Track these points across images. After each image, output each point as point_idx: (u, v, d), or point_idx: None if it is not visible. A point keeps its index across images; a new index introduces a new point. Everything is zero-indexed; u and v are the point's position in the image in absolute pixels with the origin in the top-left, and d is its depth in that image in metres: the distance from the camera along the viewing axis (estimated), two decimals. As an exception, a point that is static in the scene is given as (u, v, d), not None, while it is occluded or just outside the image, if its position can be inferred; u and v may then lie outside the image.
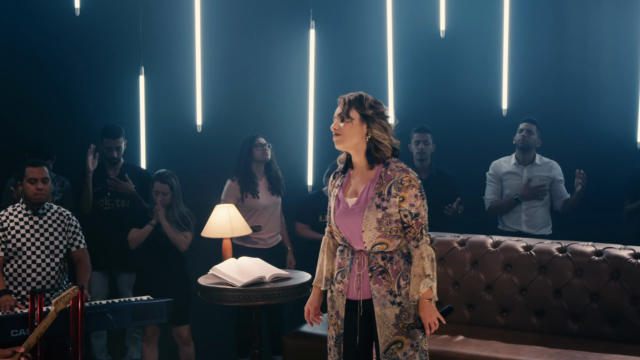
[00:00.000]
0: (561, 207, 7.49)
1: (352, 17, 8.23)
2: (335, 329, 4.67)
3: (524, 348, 5.60)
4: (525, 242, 6.16)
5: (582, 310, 5.85)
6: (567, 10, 8.12)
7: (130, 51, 7.97)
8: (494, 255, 6.14)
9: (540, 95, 8.10)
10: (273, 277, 6.00)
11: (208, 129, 8.05)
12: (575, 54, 8.10)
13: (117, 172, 7.46)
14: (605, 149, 7.91)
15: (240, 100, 8.21)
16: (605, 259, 5.84)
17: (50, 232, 6.28)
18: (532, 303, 6.00)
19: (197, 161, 7.91)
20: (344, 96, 4.61)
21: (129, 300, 6.07)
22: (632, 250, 5.84)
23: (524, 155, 7.50)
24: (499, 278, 6.11)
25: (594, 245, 5.96)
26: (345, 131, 4.51)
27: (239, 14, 8.19)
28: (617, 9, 7.95)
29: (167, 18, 8.14)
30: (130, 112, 8.02)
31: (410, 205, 4.46)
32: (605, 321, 5.80)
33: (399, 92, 8.08)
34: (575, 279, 5.89)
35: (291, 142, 8.04)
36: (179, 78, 8.12)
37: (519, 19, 8.00)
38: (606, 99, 8.00)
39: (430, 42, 8.12)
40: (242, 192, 7.39)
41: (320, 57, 8.07)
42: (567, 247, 6.00)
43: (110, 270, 7.52)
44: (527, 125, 7.47)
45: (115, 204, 7.45)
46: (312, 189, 8.02)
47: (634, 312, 5.71)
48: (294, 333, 6.14)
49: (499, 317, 6.10)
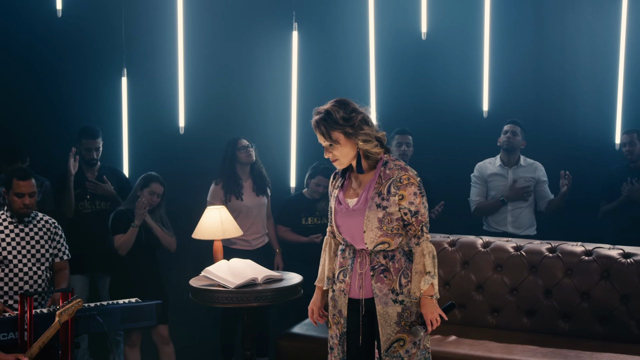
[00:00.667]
0: (545, 208, 7.57)
1: (334, 19, 8.25)
2: (338, 328, 4.69)
3: (517, 347, 5.65)
4: (515, 243, 6.21)
5: (573, 310, 5.92)
6: (545, 13, 8.20)
7: (113, 53, 7.92)
8: (484, 255, 6.19)
9: (520, 97, 8.17)
10: (265, 278, 5.99)
11: (190, 130, 8.03)
12: (554, 57, 8.19)
13: (95, 174, 7.41)
14: (584, 150, 8.00)
15: (223, 102, 8.19)
16: (595, 259, 5.91)
17: (36, 240, 6.21)
18: (523, 303, 6.06)
19: (180, 163, 7.88)
20: (315, 120, 4.55)
21: (117, 302, 6.04)
22: (622, 250, 5.91)
23: (508, 157, 7.57)
24: (489, 278, 6.16)
25: (583, 245, 6.03)
26: (340, 154, 4.53)
27: (221, 15, 8.17)
28: (594, 12, 8.06)
29: (150, 20, 8.09)
30: (113, 113, 7.97)
31: (410, 203, 4.49)
32: (595, 320, 5.86)
33: (380, 94, 8.11)
34: (566, 278, 5.95)
35: (274, 143, 8.03)
36: (162, 80, 8.08)
37: (500, 22, 8.07)
38: (585, 101, 8.09)
39: (411, 45, 8.16)
40: (225, 194, 7.38)
41: (303, 58, 8.09)
42: (557, 247, 6.06)
43: (92, 273, 7.46)
44: (511, 127, 7.54)
45: (95, 206, 7.40)
46: (295, 191, 8.02)
47: (624, 311, 5.78)
48: (287, 334, 6.15)
49: (490, 317, 6.15)
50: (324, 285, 4.80)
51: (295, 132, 8.09)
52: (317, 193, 7.50)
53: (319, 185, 7.46)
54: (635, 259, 5.81)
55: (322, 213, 7.52)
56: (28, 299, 5.45)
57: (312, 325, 6.25)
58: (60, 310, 5.34)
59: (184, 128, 8.00)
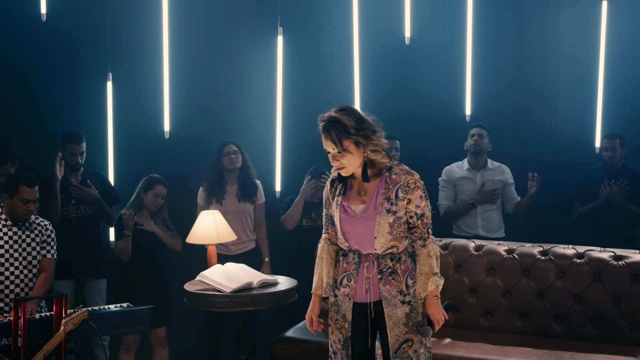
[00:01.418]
0: (512, 210, 7.68)
1: (319, 24, 8.28)
2: (342, 332, 4.71)
3: (512, 349, 5.72)
4: (507, 246, 6.27)
5: (566, 312, 5.99)
6: (526, 18, 8.28)
7: (98, 57, 7.90)
8: (477, 258, 6.24)
9: (502, 101, 8.23)
10: (260, 282, 6.01)
11: (176, 135, 8.02)
12: (534, 61, 8.27)
13: (79, 179, 7.39)
14: (564, 153, 8.08)
15: (208, 107, 8.19)
16: (587, 262, 5.98)
17: (27, 242, 6.20)
18: (515, 305, 6.12)
19: (165, 167, 7.81)
20: (325, 127, 4.54)
21: (108, 307, 6.03)
22: (613, 252, 5.99)
23: (476, 160, 7.67)
24: (482, 281, 6.21)
25: (574, 248, 6.10)
26: (348, 162, 4.54)
27: (207, 20, 8.16)
28: (574, 16, 8.14)
29: (135, 24, 8.07)
30: (98, 118, 7.94)
31: (416, 207, 4.55)
32: (588, 322, 5.94)
33: (364, 98, 8.14)
34: (558, 281, 6.02)
35: (259, 148, 8.02)
36: (147, 84, 8.06)
37: (482, 27, 8.14)
38: (564, 105, 8.18)
39: (395, 49, 8.20)
40: (208, 197, 7.40)
41: (288, 63, 8.10)
42: (549, 250, 6.13)
43: (78, 277, 7.43)
44: (478, 130, 7.64)
45: (80, 211, 7.38)
46: (280, 195, 8.03)
47: (616, 313, 5.86)
48: (281, 338, 6.17)
49: (483, 319, 6.21)
50: (323, 292, 4.80)
51: (281, 136, 8.10)
52: (315, 197, 7.51)
53: (317, 189, 7.47)
54: (626, 261, 5.89)
55: (318, 216, 7.53)
56: (22, 304, 5.42)
57: (306, 329, 6.25)
58: (66, 319, 5.35)
59: (169, 132, 7.99)
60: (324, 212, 4.86)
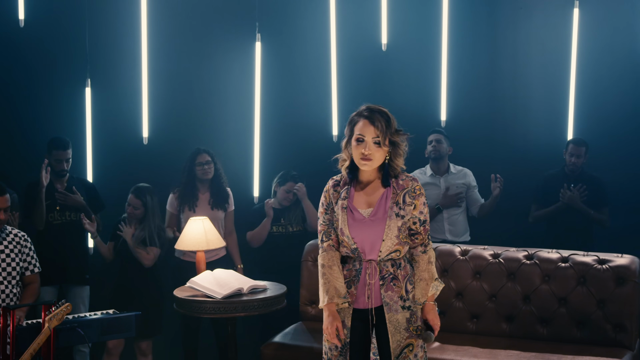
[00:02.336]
0: (477, 213, 7.77)
1: (297, 31, 8.32)
2: (340, 339, 4.71)
3: (500, 352, 5.81)
4: (492, 250, 6.36)
5: (551, 315, 6.09)
6: (499, 25, 8.35)
7: (77, 63, 7.91)
8: (463, 263, 6.33)
9: (476, 107, 8.31)
10: (250, 288, 6.06)
11: (154, 141, 8.04)
12: (507, 68, 8.34)
13: (64, 185, 7.38)
14: (535, 159, 8.17)
15: (187, 113, 8.22)
16: (571, 265, 6.08)
17: (6, 253, 6.15)
18: (502, 309, 6.21)
19: (144, 173, 7.81)
20: (377, 115, 4.63)
21: (95, 314, 6.03)
22: (597, 256, 6.09)
23: (438, 165, 7.76)
24: (469, 285, 6.30)
25: (559, 252, 6.20)
26: (377, 157, 4.60)
27: (186, 26, 8.19)
28: (546, 23, 8.22)
29: (114, 30, 8.08)
30: (76, 124, 7.94)
31: (420, 213, 4.66)
32: (573, 325, 6.04)
33: (342, 104, 8.19)
34: (544, 285, 6.12)
35: (237, 153, 8.06)
36: (126, 90, 8.08)
37: (457, 34, 8.21)
38: (536, 111, 8.26)
39: (372, 55, 8.27)
40: (180, 205, 7.42)
41: (266, 69, 8.15)
42: (534, 254, 6.22)
43: (61, 284, 7.41)
44: (435, 136, 7.74)
45: (65, 217, 7.37)
46: (259, 200, 8.06)
47: (601, 316, 5.97)
48: (271, 343, 6.20)
49: (470, 323, 6.29)
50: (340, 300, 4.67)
51: (259, 142, 8.14)
52: (286, 200, 7.54)
53: (289, 192, 7.51)
54: (610, 265, 6.01)
55: (288, 222, 7.57)
56: (11, 312, 5.42)
57: (295, 334, 6.34)
58: (49, 316, 5.32)
59: (148, 138, 8.00)
60: (323, 219, 4.80)
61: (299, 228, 7.62)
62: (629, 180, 7.92)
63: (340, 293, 4.67)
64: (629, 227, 7.84)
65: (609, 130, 8.01)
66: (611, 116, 8.05)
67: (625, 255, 6.09)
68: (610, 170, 7.87)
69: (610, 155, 7.93)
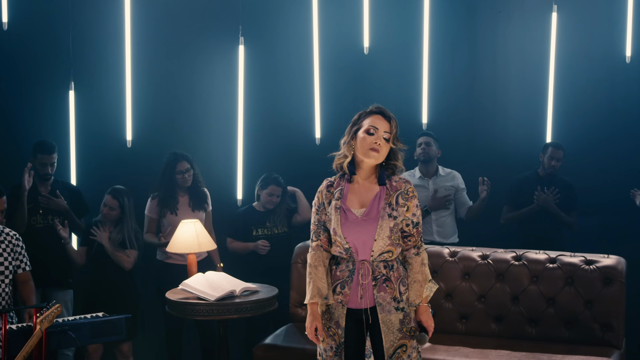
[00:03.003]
0: (465, 215, 7.87)
1: (280, 34, 8.37)
2: (335, 339, 4.77)
3: (491, 352, 5.89)
4: (481, 252, 6.43)
5: (540, 315, 6.18)
6: (479, 29, 8.45)
7: (61, 66, 7.90)
8: (452, 264, 6.39)
9: (457, 110, 8.42)
10: (242, 290, 6.09)
11: (138, 144, 8.06)
12: (486, 70, 8.46)
13: (48, 189, 7.37)
14: (515, 160, 8.28)
15: (171, 116, 8.24)
16: (559, 266, 6.17)
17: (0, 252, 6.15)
18: (491, 309, 6.29)
19: (128, 176, 7.83)
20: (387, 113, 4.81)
21: (85, 317, 6.02)
22: (584, 257, 6.19)
23: (427, 168, 7.86)
24: (458, 286, 6.36)
25: (546, 253, 6.29)
26: (383, 151, 4.69)
27: (169, 29, 8.21)
28: (524, 27, 8.34)
29: (97, 33, 8.08)
30: (60, 127, 7.93)
31: (413, 215, 4.72)
32: (561, 325, 6.13)
33: (324, 108, 8.27)
34: (532, 285, 6.20)
35: (221, 156, 8.09)
36: (109, 93, 8.09)
37: (437, 37, 8.31)
38: (515, 114, 8.38)
39: (354, 59, 8.34)
40: (160, 209, 7.42)
41: (249, 72, 8.19)
42: (522, 255, 6.31)
43: (44, 288, 7.39)
44: (425, 139, 7.83)
45: (47, 221, 7.35)
46: (242, 203, 8.09)
47: (589, 316, 6.07)
48: (263, 345, 6.22)
49: (459, 323, 6.36)
50: (328, 299, 4.77)
51: (242, 145, 8.17)
52: (270, 203, 7.57)
53: (272, 194, 7.54)
54: (597, 265, 6.10)
55: (273, 224, 7.61)
56: (3, 315, 5.40)
57: (286, 336, 6.37)
58: (40, 318, 5.31)
59: (132, 142, 8.01)
60: (314, 219, 4.88)
61: (284, 230, 7.65)
62: (599, 185, 8.05)
63: (322, 293, 4.74)
64: (597, 229, 8.02)
65: (584, 134, 8.16)
66: (588, 121, 8.20)
67: (612, 256, 6.19)
68: (580, 174, 8.01)
69: (582, 159, 8.06)
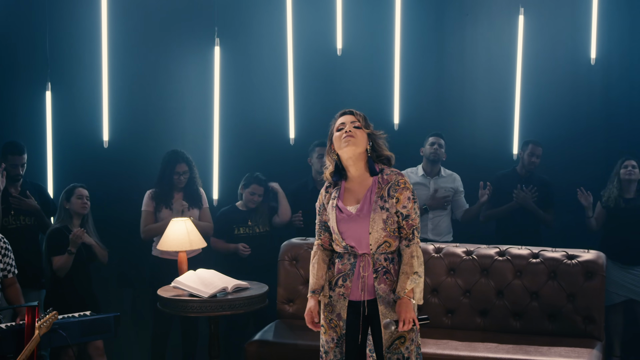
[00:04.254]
0: (461, 217, 8.02)
1: (255, 35, 8.44)
2: (336, 331, 4.91)
3: (479, 345, 6.04)
4: (465, 248, 6.58)
5: (524, 309, 6.34)
6: (447, 31, 8.61)
7: (37, 67, 7.90)
8: (437, 260, 6.53)
9: (427, 110, 8.57)
10: (234, 287, 6.16)
11: (115, 144, 8.07)
12: (455, 72, 8.64)
13: (18, 190, 7.35)
14: (483, 159, 8.47)
15: (148, 116, 8.27)
16: (542, 261, 6.34)
17: None
18: (476, 304, 6.44)
19: (104, 177, 7.88)
20: (351, 110, 5.04)
21: (72, 316, 6.03)
22: (565, 252, 6.38)
23: (432, 167, 7.97)
24: (443, 282, 6.50)
25: (529, 249, 6.46)
26: (359, 136, 4.88)
27: (146, 30, 8.24)
28: (491, 29, 8.52)
29: (74, 34, 8.10)
30: (37, 127, 7.92)
31: (403, 207, 4.85)
32: (545, 318, 6.31)
33: (298, 108, 8.36)
34: (516, 280, 6.37)
35: (197, 156, 8.03)
36: (86, 94, 8.10)
37: (408, 39, 8.45)
38: (483, 113, 8.56)
39: (328, 60, 8.45)
40: (156, 204, 7.46)
41: (225, 72, 8.25)
42: (505, 251, 6.47)
43: None
44: (437, 139, 7.94)
45: (20, 222, 7.33)
46: (218, 203, 8.14)
47: (571, 309, 6.25)
48: (255, 341, 6.28)
49: (445, 318, 6.50)
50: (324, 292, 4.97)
51: (218, 145, 8.23)
52: (252, 202, 7.64)
53: (254, 193, 7.61)
54: (579, 259, 6.29)
55: (255, 223, 7.67)
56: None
57: (277, 332, 6.44)
58: (39, 323, 5.35)
59: (108, 142, 8.01)
60: (317, 219, 5.07)
61: (266, 229, 7.74)
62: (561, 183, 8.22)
63: (312, 289, 4.98)
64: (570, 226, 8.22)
65: (551, 133, 8.34)
66: (553, 120, 8.41)
67: (592, 251, 6.39)
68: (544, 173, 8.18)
69: (546, 158, 8.19)
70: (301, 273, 6.71)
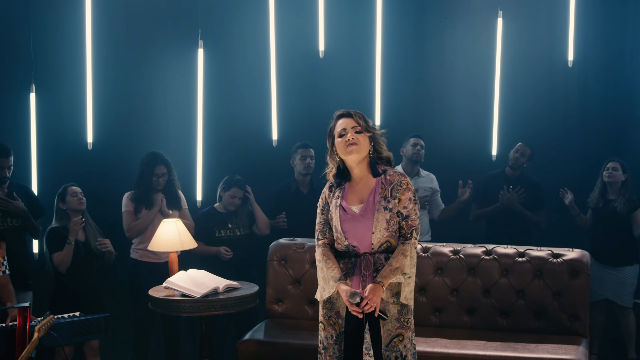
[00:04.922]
0: (438, 216, 8.14)
1: (238, 38, 8.50)
2: (335, 329, 4.97)
3: (468, 343, 6.12)
4: (452, 247, 6.66)
5: (510, 307, 6.44)
6: (426, 33, 8.74)
7: (21, 69, 7.91)
8: (425, 260, 6.60)
9: (407, 111, 8.70)
10: (226, 287, 6.21)
11: (99, 146, 8.10)
12: (434, 74, 8.77)
13: (5, 192, 7.34)
14: (462, 160, 8.61)
15: (132, 118, 8.31)
16: (528, 260, 6.45)
17: None
18: (463, 302, 6.53)
19: (89, 178, 7.86)
20: (348, 111, 5.02)
21: (63, 317, 6.05)
22: (550, 251, 6.48)
23: (412, 168, 8.08)
24: (431, 281, 6.58)
25: (515, 248, 6.56)
26: (361, 142, 4.92)
27: (130, 33, 8.28)
28: (470, 32, 8.67)
29: (58, 36, 8.11)
30: (21, 129, 7.93)
31: (403, 208, 4.92)
32: (531, 316, 6.41)
33: (281, 110, 8.45)
34: (502, 278, 6.47)
35: (181, 158, 8.14)
36: (70, 96, 8.12)
37: (389, 43, 8.56)
38: (462, 115, 8.72)
39: (310, 62, 8.55)
40: (136, 206, 7.47)
41: (208, 74, 8.32)
42: (492, 250, 6.56)
43: None
44: (418, 140, 8.04)
45: (7, 224, 7.31)
46: (201, 205, 8.17)
47: (557, 307, 6.35)
48: (247, 340, 6.31)
49: (433, 316, 6.58)
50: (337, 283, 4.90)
51: (202, 146, 8.27)
52: (232, 205, 7.66)
53: (234, 197, 7.63)
54: (564, 258, 6.40)
55: (235, 225, 7.71)
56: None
57: (267, 331, 6.49)
58: (38, 326, 5.38)
59: (93, 144, 8.03)
60: (319, 219, 5.11)
61: (247, 231, 7.75)
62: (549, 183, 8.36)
63: (336, 278, 4.90)
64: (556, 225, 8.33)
65: (529, 134, 8.46)
66: (532, 121, 8.59)
67: (576, 250, 6.50)
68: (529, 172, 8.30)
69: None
70: (290, 273, 6.76)
